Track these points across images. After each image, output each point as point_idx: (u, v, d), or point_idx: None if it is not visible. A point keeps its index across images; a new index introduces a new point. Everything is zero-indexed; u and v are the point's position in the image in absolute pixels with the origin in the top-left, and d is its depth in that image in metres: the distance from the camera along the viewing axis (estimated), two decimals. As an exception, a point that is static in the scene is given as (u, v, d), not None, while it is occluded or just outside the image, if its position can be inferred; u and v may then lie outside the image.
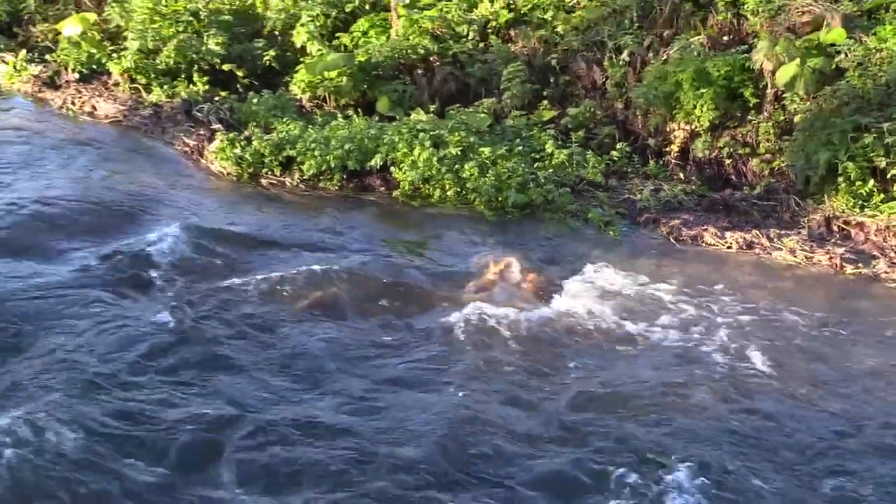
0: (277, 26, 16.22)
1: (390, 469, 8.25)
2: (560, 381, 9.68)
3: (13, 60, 16.02)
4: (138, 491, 7.91)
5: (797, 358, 10.16)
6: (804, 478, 8.58)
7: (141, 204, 12.77)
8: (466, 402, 9.11)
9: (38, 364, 9.46)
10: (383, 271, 11.51)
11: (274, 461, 8.36)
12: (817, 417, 9.19)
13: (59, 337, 9.94)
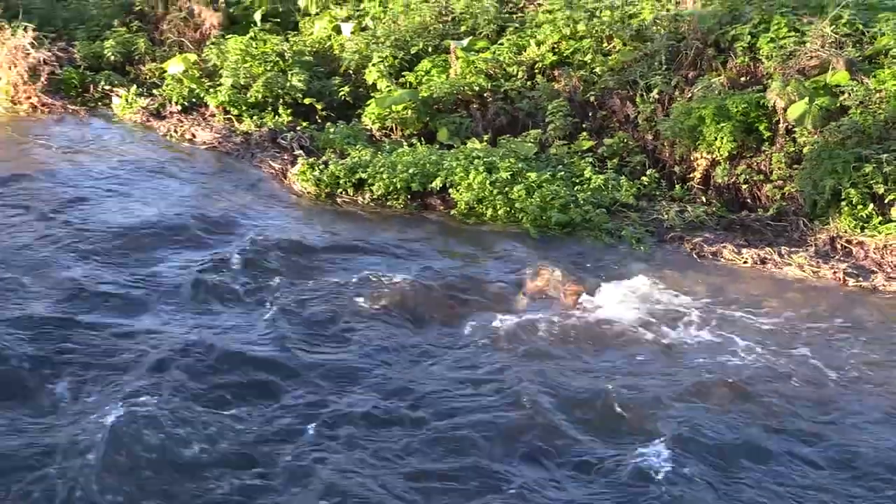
0: (352, 66, 16.34)
1: (450, 443, 8.39)
2: (593, 374, 9.81)
3: (126, 94, 16.22)
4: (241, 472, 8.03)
5: (806, 356, 10.29)
6: (808, 457, 8.68)
7: (233, 218, 12.98)
8: (512, 388, 9.23)
9: (147, 352, 9.60)
10: (441, 279, 11.60)
11: (354, 434, 8.50)
12: (821, 403, 9.46)
13: (164, 328, 10.10)
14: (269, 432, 8.63)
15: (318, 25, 17.72)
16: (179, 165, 14.67)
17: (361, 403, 9.04)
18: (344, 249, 12.28)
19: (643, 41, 15.75)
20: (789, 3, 15.57)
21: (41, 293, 10.74)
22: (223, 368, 9.45)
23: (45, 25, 17.36)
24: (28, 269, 11.23)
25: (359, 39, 16.88)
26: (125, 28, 18.02)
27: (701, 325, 10.88)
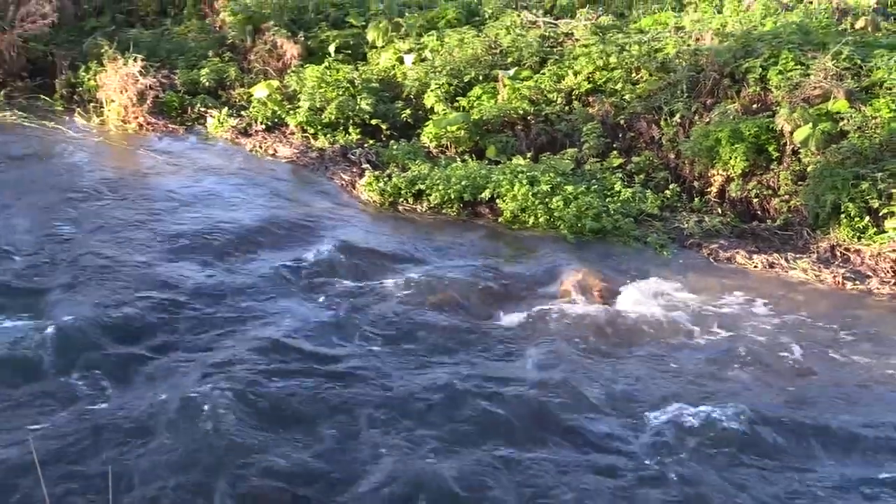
0: (413, 92, 16.37)
1: (494, 419, 8.42)
2: (618, 363, 9.89)
3: (218, 115, 16.37)
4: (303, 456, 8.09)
5: (807, 349, 10.31)
6: (806, 428, 8.77)
7: (309, 223, 13.06)
8: (549, 373, 9.30)
9: (231, 343, 9.68)
10: (489, 277, 11.67)
11: (410, 415, 8.53)
12: (818, 386, 9.66)
13: (247, 322, 10.19)
14: (335, 409, 8.70)
15: (384, 56, 17.77)
16: (263, 177, 14.78)
17: (420, 384, 9.15)
18: (404, 251, 12.35)
19: (667, 72, 15.73)
20: (795, 40, 15.57)
21: (145, 285, 10.87)
22: (299, 354, 9.55)
23: (151, 56, 17.51)
24: (134, 264, 11.37)
25: (419, 69, 16.92)
26: (218, 58, 18.14)
27: (715, 319, 10.91)
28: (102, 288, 10.74)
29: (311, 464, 7.93)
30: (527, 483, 7.84)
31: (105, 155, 15.65)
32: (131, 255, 11.63)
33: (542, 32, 17.89)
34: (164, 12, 20.85)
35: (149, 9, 20.90)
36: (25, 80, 18.45)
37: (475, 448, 8.21)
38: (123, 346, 9.53)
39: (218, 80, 17.90)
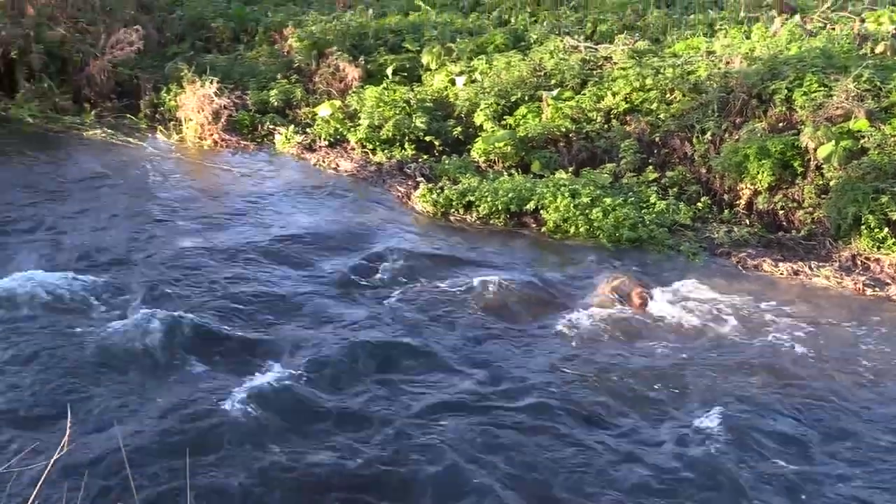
0: (463, 111, 16.41)
1: (535, 409, 8.57)
2: (652, 361, 9.97)
3: (285, 132, 16.50)
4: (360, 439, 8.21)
5: (829, 349, 10.29)
6: (826, 418, 8.79)
7: (368, 231, 13.19)
8: (588, 369, 9.46)
9: (302, 334, 9.81)
10: (533, 282, 11.70)
11: (459, 401, 8.68)
12: (836, 382, 9.64)
13: (309, 317, 10.37)
14: (390, 393, 8.94)
15: (437, 78, 17.81)
16: (326, 189, 14.91)
17: (467, 375, 9.41)
18: (455, 257, 12.40)
19: (699, 93, 15.63)
20: (819, 63, 15.41)
21: (224, 284, 11.07)
22: (359, 345, 9.76)
23: (225, 79, 17.72)
24: (213, 267, 11.54)
25: (469, 90, 16.93)
26: (286, 80, 18.26)
27: (743, 321, 10.87)
28: (185, 288, 10.96)
29: (372, 432, 8.21)
30: (567, 462, 7.91)
31: (184, 168, 15.84)
32: (210, 258, 11.86)
33: (583, 56, 17.83)
34: (237, 39, 21.04)
35: (224, 36, 21.08)
36: (114, 100, 18.70)
37: (512, 430, 8.34)
38: (203, 338, 9.75)
39: (285, 100, 18.03)
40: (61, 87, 18.49)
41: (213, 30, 21.26)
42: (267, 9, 22.39)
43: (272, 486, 7.51)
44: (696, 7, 20.68)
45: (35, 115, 17.73)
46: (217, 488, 7.41)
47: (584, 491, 7.64)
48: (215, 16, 21.65)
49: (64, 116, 17.83)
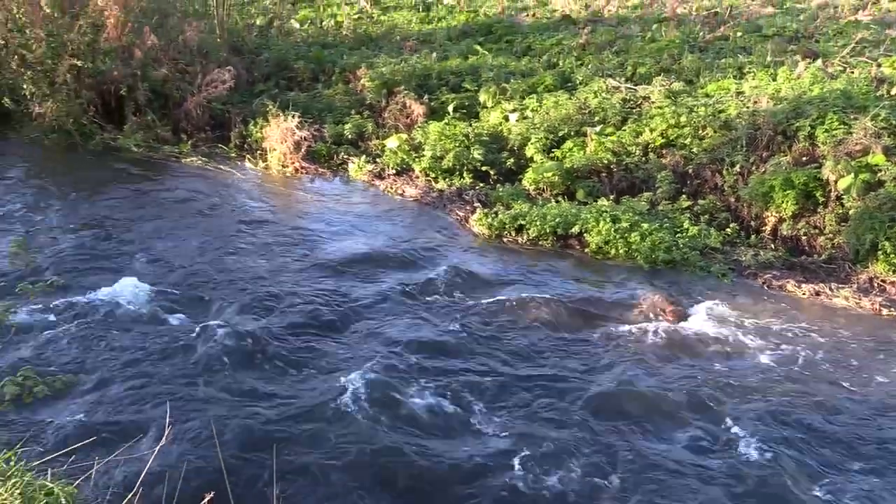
0: (516, 144, 16.42)
1: (576, 412, 8.45)
2: (685, 371, 9.98)
3: (357, 161, 16.62)
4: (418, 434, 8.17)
5: (847, 363, 10.18)
6: (841, 425, 8.70)
7: (429, 250, 13.24)
8: (626, 377, 9.41)
9: (368, 343, 9.86)
10: (577, 298, 11.67)
11: (515, 401, 8.60)
12: (853, 392, 9.51)
13: (379, 326, 10.46)
14: (453, 390, 9.01)
15: (493, 115, 17.82)
16: (394, 212, 15.01)
17: (519, 379, 9.46)
18: (507, 275, 12.42)
19: (729, 129, 15.49)
20: (839, 103, 15.23)
21: (299, 296, 11.18)
22: (425, 350, 9.84)
23: (305, 114, 17.91)
24: (291, 279, 11.67)
25: (521, 125, 16.94)
26: (359, 115, 18.41)
27: (768, 336, 10.79)
28: (268, 297, 11.08)
29: (427, 435, 8.18)
30: (608, 456, 7.85)
31: (268, 192, 16.02)
32: (288, 272, 12.03)
33: (624, 96, 17.76)
34: (316, 79, 21.23)
35: (305, 76, 21.30)
36: (208, 132, 18.98)
37: (561, 430, 8.29)
38: (280, 343, 9.88)
39: (358, 133, 18.14)
40: (162, 120, 18.83)
41: (296, 70, 21.46)
42: (342, 52, 22.57)
43: (348, 470, 7.60)
44: (727, 52, 20.48)
45: (140, 145, 18.07)
46: (298, 472, 7.49)
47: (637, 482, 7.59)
48: (297, 58, 21.89)
49: (164, 146, 18.14)
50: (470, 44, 22.95)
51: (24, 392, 8.53)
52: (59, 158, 17.50)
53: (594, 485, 7.63)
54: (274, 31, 24.68)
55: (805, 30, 22.58)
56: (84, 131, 18.43)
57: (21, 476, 3.99)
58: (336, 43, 23.75)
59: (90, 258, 12.11)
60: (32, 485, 3.97)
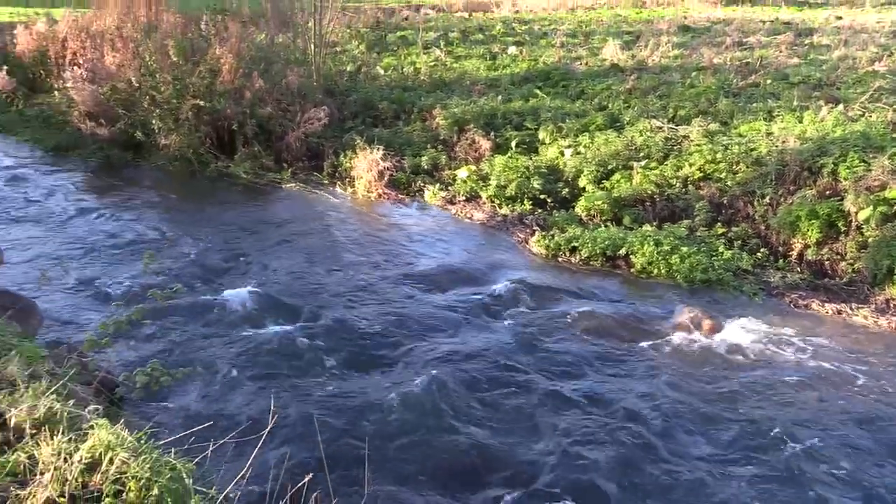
0: (570, 176, 16.44)
1: (623, 416, 8.31)
2: (721, 379, 9.83)
3: (432, 189, 16.75)
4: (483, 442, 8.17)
5: (865, 375, 9.89)
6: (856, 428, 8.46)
7: (494, 267, 13.29)
8: (666, 386, 9.31)
9: (440, 348, 9.90)
10: (624, 312, 11.59)
11: (569, 399, 8.55)
12: (868, 402, 9.18)
13: (452, 331, 10.51)
14: (514, 394, 9.01)
15: (550, 150, 17.83)
16: (463, 234, 15.11)
17: (572, 379, 9.51)
18: (562, 290, 12.38)
19: (759, 165, 15.27)
20: (860, 143, 14.97)
21: (384, 305, 11.39)
22: (491, 353, 9.87)
23: (388, 147, 18.08)
24: (375, 290, 11.80)
25: (575, 160, 16.92)
26: (434, 149, 18.54)
27: (794, 350, 10.60)
28: (354, 304, 11.24)
29: (494, 428, 8.20)
30: (656, 460, 7.77)
31: (355, 214, 16.23)
32: (373, 283, 12.15)
33: (666, 135, 17.62)
34: (397, 117, 21.44)
35: (388, 115, 21.52)
36: (305, 161, 19.30)
37: (610, 422, 8.24)
38: (367, 344, 10.01)
39: (433, 164, 18.28)
40: (267, 151, 19.21)
41: (380, 110, 21.69)
42: (420, 94, 22.76)
43: (422, 454, 7.69)
44: (758, 97, 20.23)
45: (247, 172, 18.46)
46: (384, 457, 7.56)
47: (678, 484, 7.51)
48: (381, 99, 22.13)
49: (268, 173, 18.50)
50: (531, 88, 22.99)
51: (152, 381, 8.78)
52: (181, 183, 17.97)
53: (637, 473, 7.59)
54: (362, 76, 24.98)
55: (827, 78, 22.24)
56: (202, 160, 18.92)
57: (150, 453, 4.08)
58: (415, 86, 23.94)
59: (207, 268, 12.43)
60: (159, 461, 4.06)
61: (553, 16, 44.48)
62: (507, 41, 32.33)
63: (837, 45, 28.55)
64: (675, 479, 7.54)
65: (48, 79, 24.76)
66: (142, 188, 17.29)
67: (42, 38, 25.38)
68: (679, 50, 28.55)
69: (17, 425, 4.30)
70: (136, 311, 10.37)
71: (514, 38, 33.10)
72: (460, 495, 7.23)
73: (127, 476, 3.91)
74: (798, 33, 32.63)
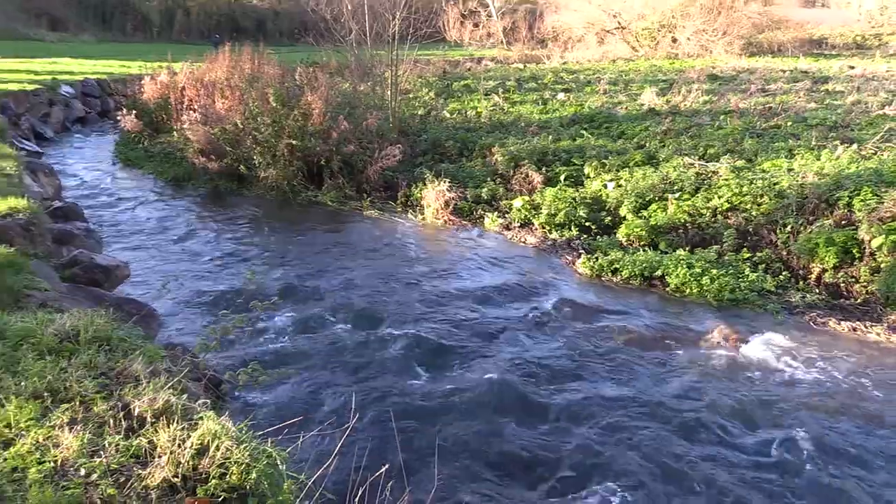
0: (612, 206, 16.37)
1: (662, 424, 8.23)
2: (748, 388, 9.59)
3: (491, 216, 16.83)
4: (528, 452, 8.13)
5: (878, 388, 9.64)
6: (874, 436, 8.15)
7: (545, 285, 13.26)
8: (697, 393, 9.13)
9: (495, 355, 9.91)
10: (659, 327, 11.50)
11: (610, 404, 8.47)
12: (882, 411, 8.82)
13: (506, 339, 10.45)
14: (562, 399, 8.86)
15: (595, 183, 17.78)
16: (518, 256, 15.10)
17: (614, 385, 9.39)
18: (604, 308, 12.32)
19: (781, 198, 15.02)
20: (873, 179, 14.70)
21: (448, 316, 11.44)
22: (541, 363, 9.80)
23: (453, 180, 18.25)
24: (440, 303, 11.86)
25: (616, 192, 16.84)
26: (493, 182, 18.65)
27: (813, 363, 10.38)
28: (421, 317, 11.30)
29: (547, 425, 8.14)
30: (683, 460, 7.69)
31: (424, 238, 16.37)
32: (439, 296, 12.24)
33: (697, 170, 17.45)
34: (461, 154, 21.58)
35: (453, 152, 21.66)
36: (381, 192, 19.54)
37: (645, 435, 8.14)
38: (434, 351, 10.04)
39: (492, 195, 18.36)
40: (349, 182, 19.51)
41: (446, 148, 21.85)
42: (481, 134, 22.88)
43: (482, 449, 7.70)
44: (780, 137, 19.90)
45: (333, 200, 18.80)
46: (451, 449, 7.63)
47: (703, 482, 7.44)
48: (447, 139, 22.30)
49: (350, 202, 18.82)
50: (577, 129, 22.97)
51: (252, 380, 8.94)
52: (277, 209, 18.37)
53: (670, 465, 7.53)
54: (431, 118, 25.23)
55: (842, 121, 21.77)
56: (294, 190, 19.33)
57: (249, 441, 4.17)
58: (476, 128, 24.09)
59: (299, 283, 12.68)
60: (257, 448, 4.14)
61: (596, 66, 44.35)
62: (557, 88, 32.36)
63: (851, 91, 27.91)
64: (698, 471, 7.47)
65: (169, 121, 25.53)
66: (244, 214, 17.75)
67: (164, 87, 26.24)
68: (708, 96, 28.22)
69: (139, 414, 4.41)
70: (239, 319, 10.60)
71: (562, 86, 33.12)
72: (519, 485, 7.27)
73: (230, 461, 4.01)
74: (815, 81, 31.97)
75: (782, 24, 60.07)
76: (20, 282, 6.95)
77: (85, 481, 3.83)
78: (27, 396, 4.55)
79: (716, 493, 7.20)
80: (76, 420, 4.35)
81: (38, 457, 3.97)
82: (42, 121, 27.05)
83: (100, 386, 4.76)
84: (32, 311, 6.15)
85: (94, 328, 5.58)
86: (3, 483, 3.72)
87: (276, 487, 4.02)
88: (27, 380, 4.71)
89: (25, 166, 13.94)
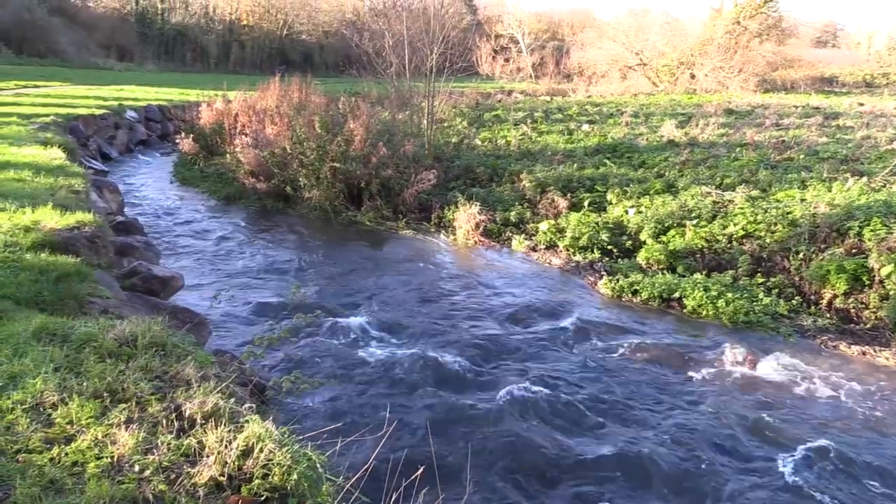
0: (633, 230, 16.22)
1: (680, 436, 8.08)
2: (759, 406, 9.41)
3: (518, 238, 16.76)
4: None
5: (885, 408, 9.35)
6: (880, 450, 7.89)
7: (568, 304, 13.11)
8: (711, 409, 8.97)
9: (520, 371, 9.80)
10: (678, 346, 11.30)
11: (630, 418, 8.35)
12: (888, 429, 8.22)
13: (531, 355, 10.35)
14: (581, 409, 8.72)
15: (616, 209, 17.66)
16: (543, 276, 14.99)
17: (634, 399, 9.18)
18: (623, 326, 12.17)
19: (794, 227, 14.78)
20: (882, 210, 14.45)
21: (476, 332, 11.31)
22: (565, 377, 9.67)
23: (483, 203, 18.23)
24: (469, 319, 11.79)
25: (637, 218, 16.70)
26: (521, 206, 18.59)
27: (822, 384, 10.15)
28: (452, 331, 11.24)
29: (570, 435, 8.00)
30: (699, 466, 7.51)
31: (455, 257, 16.35)
32: (468, 313, 12.18)
33: (714, 199, 17.26)
34: (492, 180, 21.59)
35: (483, 178, 21.71)
36: (416, 213, 19.59)
37: (662, 446, 7.99)
38: (464, 363, 9.94)
39: (519, 218, 18.31)
40: (387, 204, 19.58)
41: (477, 173, 21.90)
42: (510, 162, 22.91)
43: (511, 454, 7.60)
44: (793, 169, 19.66)
45: (371, 220, 18.88)
46: (487, 460, 7.56)
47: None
48: (479, 165, 22.36)
49: (387, 222, 18.88)
50: (601, 158, 22.89)
51: (294, 387, 8.92)
52: (319, 228, 18.49)
53: (685, 475, 7.36)
54: (463, 146, 25.31)
55: (852, 155, 21.48)
56: (336, 210, 19.47)
57: (291, 444, 4.15)
58: (506, 155, 24.11)
59: (339, 296, 12.72)
60: (298, 451, 4.12)
61: (619, 100, 44.23)
62: (582, 120, 32.34)
63: (860, 127, 27.52)
64: (707, 478, 7.30)
65: (222, 144, 25.93)
66: (289, 231, 17.89)
67: (219, 113, 26.69)
68: (725, 129, 27.98)
69: (190, 416, 4.42)
70: (284, 330, 10.61)
71: (587, 118, 33.08)
72: (547, 491, 7.18)
73: (272, 462, 3.99)
74: (826, 116, 31.58)
75: (795, 62, 59.47)
76: (84, 289, 7.05)
77: (139, 477, 3.84)
78: (88, 396, 4.59)
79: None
80: (132, 419, 4.38)
81: (96, 452, 4.00)
82: (108, 142, 27.68)
83: (154, 388, 4.79)
84: (95, 317, 6.23)
85: (150, 334, 5.63)
86: (64, 476, 3.74)
87: (315, 489, 3.98)
88: (88, 380, 4.76)
89: (92, 184, 14.22)
